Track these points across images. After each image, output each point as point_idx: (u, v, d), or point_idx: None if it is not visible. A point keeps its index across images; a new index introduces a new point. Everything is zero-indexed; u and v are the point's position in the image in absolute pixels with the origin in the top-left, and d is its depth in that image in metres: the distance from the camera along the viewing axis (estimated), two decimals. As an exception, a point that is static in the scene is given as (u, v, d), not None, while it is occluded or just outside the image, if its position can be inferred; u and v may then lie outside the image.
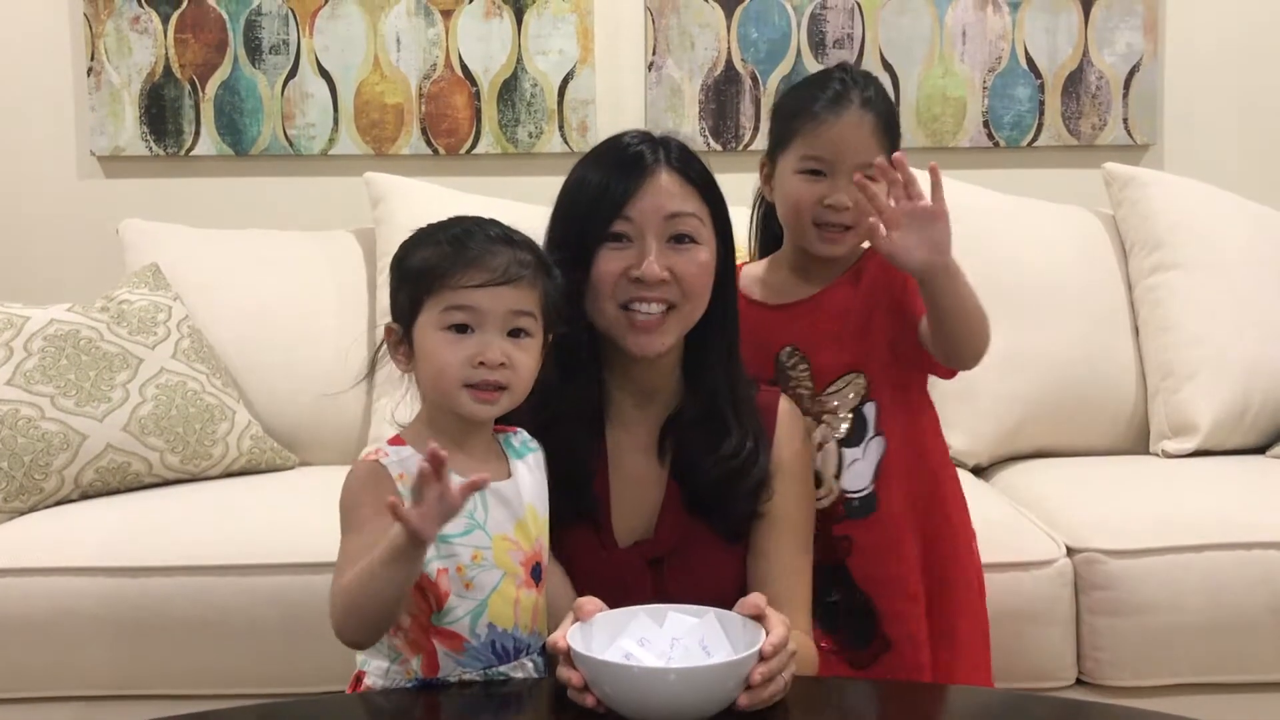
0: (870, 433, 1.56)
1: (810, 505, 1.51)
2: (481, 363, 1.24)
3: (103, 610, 1.80)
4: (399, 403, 1.35)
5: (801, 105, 1.55)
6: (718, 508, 1.44)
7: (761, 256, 1.68)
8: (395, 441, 1.30)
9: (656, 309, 1.39)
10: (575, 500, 1.41)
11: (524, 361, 1.27)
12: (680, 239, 1.40)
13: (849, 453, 1.57)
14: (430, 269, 1.26)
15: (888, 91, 1.59)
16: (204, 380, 2.16)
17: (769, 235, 1.66)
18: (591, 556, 1.43)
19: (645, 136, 1.44)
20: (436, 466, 1.11)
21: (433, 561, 1.25)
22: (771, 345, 1.58)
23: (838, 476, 1.57)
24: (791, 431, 1.49)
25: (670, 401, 1.47)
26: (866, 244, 1.54)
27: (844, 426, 1.57)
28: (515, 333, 1.27)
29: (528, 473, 1.34)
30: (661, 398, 1.47)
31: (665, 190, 1.39)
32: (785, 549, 1.45)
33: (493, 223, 1.31)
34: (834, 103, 1.52)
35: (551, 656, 1.23)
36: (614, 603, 1.33)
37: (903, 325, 1.54)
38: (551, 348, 1.35)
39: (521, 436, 1.37)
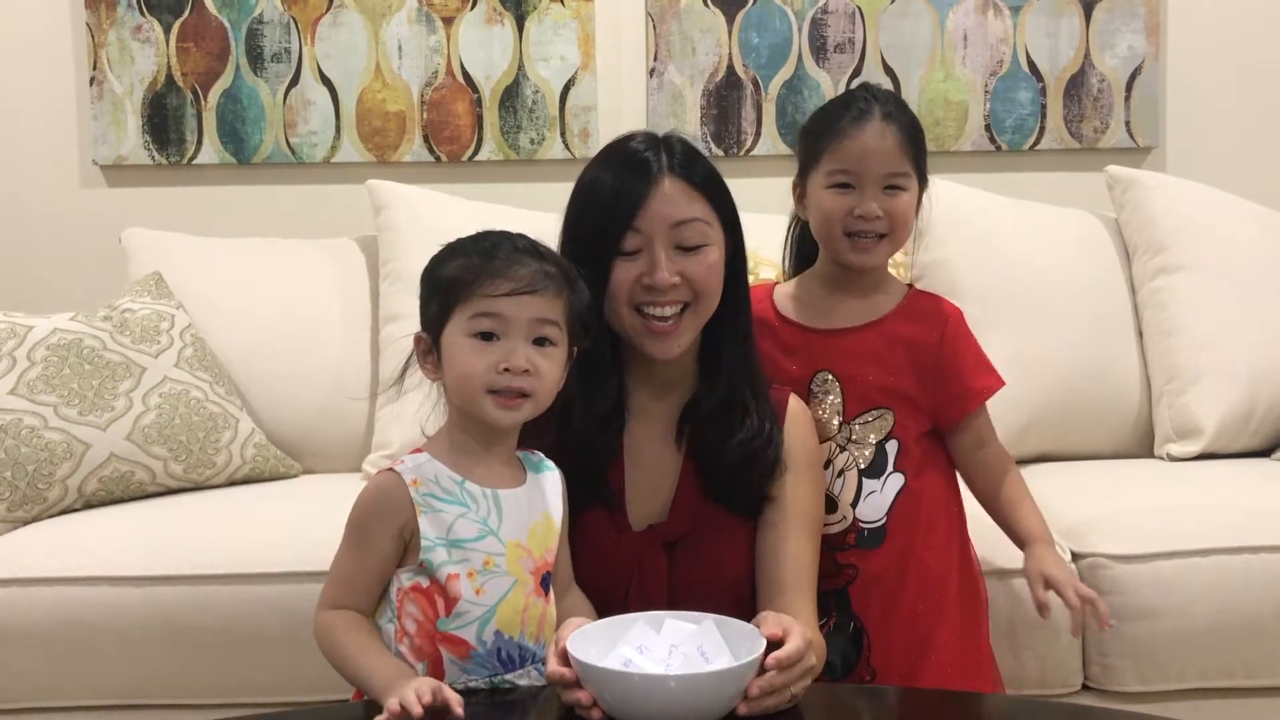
0: (889, 468, 1.61)
1: (820, 498, 1.54)
2: (506, 369, 1.26)
3: (107, 620, 1.79)
4: (429, 416, 1.37)
5: (827, 124, 1.61)
6: (734, 489, 1.47)
7: (794, 275, 1.72)
8: (416, 451, 1.32)
9: (671, 311, 1.44)
10: (592, 489, 1.45)
11: (548, 369, 1.29)
12: (688, 244, 1.43)
13: (869, 484, 1.60)
14: (459, 279, 1.29)
15: (909, 106, 1.65)
16: (207, 389, 2.16)
17: (802, 255, 1.71)
18: (606, 539, 1.47)
19: (649, 141, 1.47)
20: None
21: (445, 566, 1.26)
22: (807, 367, 1.62)
23: (854, 505, 1.60)
24: (801, 427, 1.53)
25: (687, 391, 1.51)
26: (913, 282, 1.67)
27: (866, 455, 1.61)
28: (540, 341, 1.29)
29: (545, 485, 1.36)
30: (679, 388, 1.51)
31: (670, 199, 1.43)
32: (794, 540, 1.48)
33: (521, 236, 1.34)
34: (858, 118, 1.58)
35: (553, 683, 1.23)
36: (629, 584, 1.39)
37: (939, 397, 1.62)
38: (574, 356, 1.38)
39: (539, 456, 1.39)
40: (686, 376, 1.51)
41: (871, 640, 1.58)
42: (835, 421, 1.61)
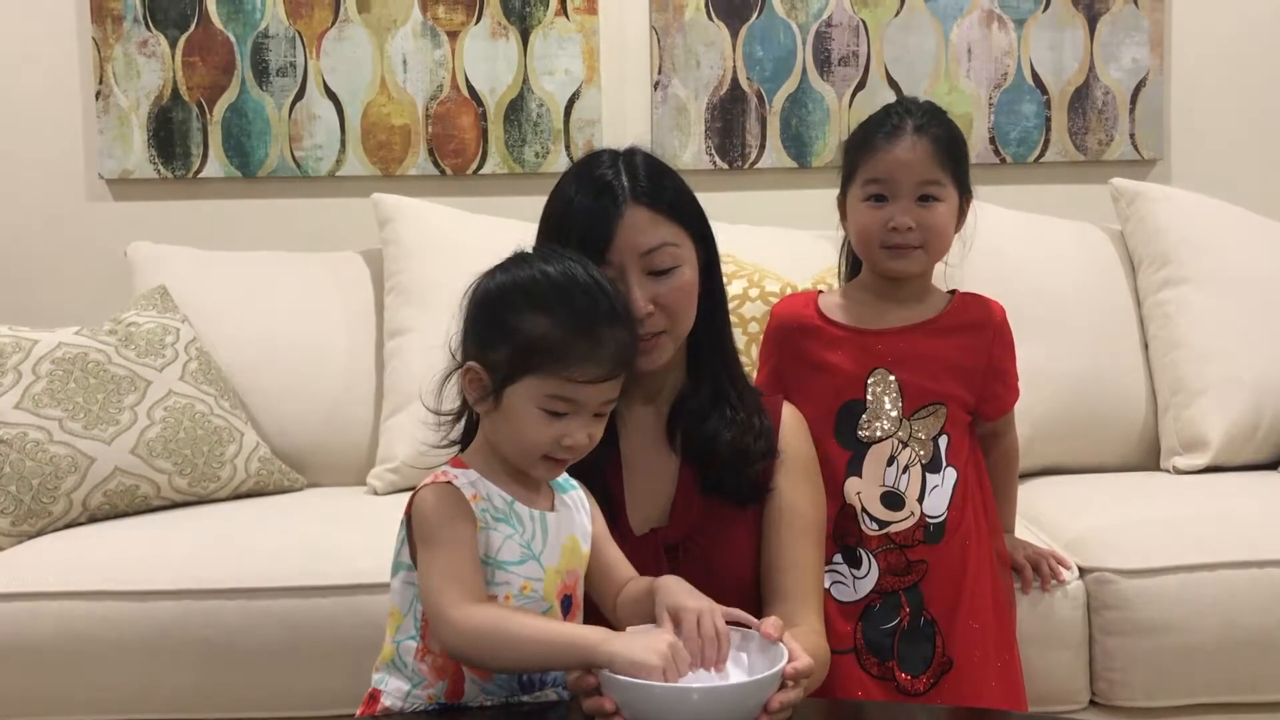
0: (944, 462, 1.64)
1: (821, 505, 1.55)
2: (569, 445, 1.26)
3: (111, 634, 1.79)
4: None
5: (863, 139, 1.65)
6: (730, 481, 1.48)
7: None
8: (456, 464, 1.29)
9: (649, 334, 1.44)
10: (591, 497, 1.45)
11: (599, 436, 1.28)
12: (660, 269, 1.44)
13: (931, 478, 1.63)
14: (545, 348, 1.23)
15: (948, 118, 1.67)
16: (212, 402, 2.16)
17: (857, 268, 1.73)
18: None
19: (613, 164, 1.46)
20: None
21: (486, 587, 1.24)
22: (858, 362, 1.64)
23: (920, 500, 1.63)
24: (796, 432, 1.55)
25: (674, 393, 1.53)
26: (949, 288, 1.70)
27: (928, 450, 1.64)
28: (601, 412, 1.28)
29: (571, 504, 1.35)
30: (666, 392, 1.53)
31: (636, 227, 1.43)
32: (795, 545, 1.49)
33: (603, 291, 1.28)
34: (890, 132, 1.62)
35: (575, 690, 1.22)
36: None
37: (985, 393, 1.67)
38: None
39: (563, 474, 1.37)
40: (673, 381, 1.53)
41: (944, 633, 1.61)
42: (895, 416, 1.63)
